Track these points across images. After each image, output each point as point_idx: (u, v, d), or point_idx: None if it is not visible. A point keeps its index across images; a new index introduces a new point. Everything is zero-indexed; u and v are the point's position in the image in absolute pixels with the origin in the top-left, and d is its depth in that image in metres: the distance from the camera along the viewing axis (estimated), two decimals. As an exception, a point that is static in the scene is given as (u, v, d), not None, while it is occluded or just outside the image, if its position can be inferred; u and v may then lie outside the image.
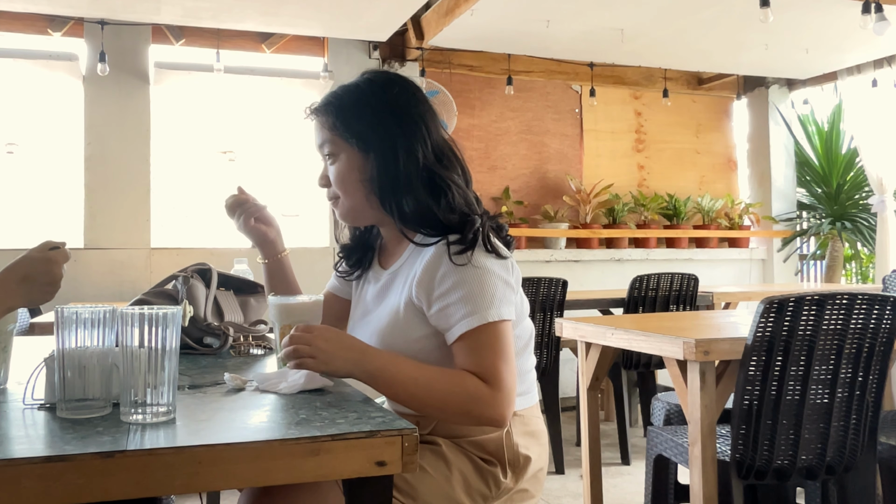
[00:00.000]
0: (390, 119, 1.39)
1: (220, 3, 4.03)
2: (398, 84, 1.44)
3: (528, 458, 1.40)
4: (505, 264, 1.35)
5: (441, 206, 1.36)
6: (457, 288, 1.29)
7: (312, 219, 4.99)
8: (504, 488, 1.38)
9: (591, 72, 5.43)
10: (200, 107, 4.80)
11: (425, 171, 1.38)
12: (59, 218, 4.45)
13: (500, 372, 1.25)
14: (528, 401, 1.44)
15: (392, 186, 1.37)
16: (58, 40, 4.45)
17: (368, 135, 1.39)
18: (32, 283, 1.21)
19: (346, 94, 1.44)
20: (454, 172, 1.41)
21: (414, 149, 1.37)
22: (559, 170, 5.58)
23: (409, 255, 1.42)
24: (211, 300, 1.74)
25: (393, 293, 1.42)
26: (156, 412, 1.01)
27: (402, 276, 1.41)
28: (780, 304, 1.83)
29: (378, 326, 1.42)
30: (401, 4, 4.15)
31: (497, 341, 1.27)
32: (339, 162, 1.43)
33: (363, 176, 1.40)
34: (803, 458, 1.91)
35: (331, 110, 1.43)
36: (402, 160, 1.37)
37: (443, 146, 1.43)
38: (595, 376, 2.51)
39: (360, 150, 1.40)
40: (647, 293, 3.84)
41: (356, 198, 1.43)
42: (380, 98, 1.41)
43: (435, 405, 1.26)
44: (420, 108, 1.42)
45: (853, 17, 3.88)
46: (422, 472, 1.32)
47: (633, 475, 3.55)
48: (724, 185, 6.11)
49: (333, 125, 1.42)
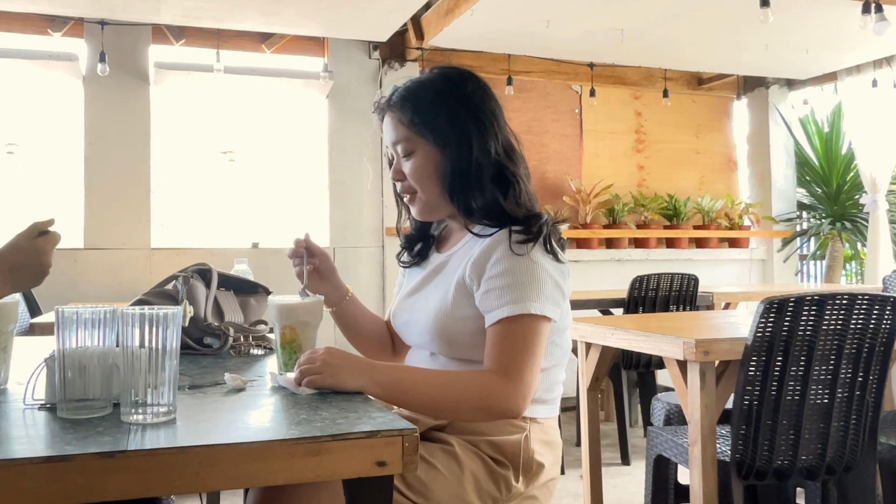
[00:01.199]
0: (465, 115, 1.42)
1: (220, 3, 4.03)
2: (471, 80, 1.47)
3: (542, 465, 1.40)
4: (561, 269, 1.37)
5: (508, 199, 1.40)
6: (507, 274, 1.31)
7: (312, 219, 4.99)
8: (515, 492, 1.38)
9: (591, 72, 5.43)
10: (200, 107, 4.80)
11: (496, 166, 1.41)
12: (60, 218, 4.44)
13: (521, 365, 1.26)
14: (551, 411, 1.45)
15: (464, 180, 1.41)
16: (58, 40, 4.45)
17: (446, 131, 1.41)
18: (21, 272, 1.22)
19: (422, 90, 1.45)
20: (521, 168, 1.45)
21: (487, 144, 1.41)
22: (559, 170, 5.58)
23: (468, 241, 1.45)
24: (211, 300, 1.74)
25: (445, 274, 1.45)
26: (156, 412, 1.01)
27: (457, 259, 1.44)
28: (780, 304, 1.83)
29: (423, 304, 1.45)
30: (401, 4, 4.15)
31: (529, 335, 1.28)
32: (417, 157, 1.44)
33: (439, 171, 1.42)
34: (803, 459, 1.91)
35: (408, 106, 1.44)
36: (476, 155, 1.40)
37: (511, 142, 1.46)
38: (595, 376, 2.51)
39: (437, 146, 1.42)
40: (647, 293, 3.84)
41: (433, 192, 1.45)
42: (455, 94, 1.44)
43: (450, 406, 1.26)
44: (492, 104, 1.45)
45: (853, 17, 3.88)
46: (434, 472, 1.31)
47: (633, 475, 3.55)
48: (724, 185, 6.11)
49: (412, 121, 1.43)
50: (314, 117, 5.02)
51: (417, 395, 1.25)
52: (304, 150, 5.03)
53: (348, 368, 1.22)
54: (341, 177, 4.90)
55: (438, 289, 1.44)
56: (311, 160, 5.02)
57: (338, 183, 4.91)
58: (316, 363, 1.21)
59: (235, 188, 4.87)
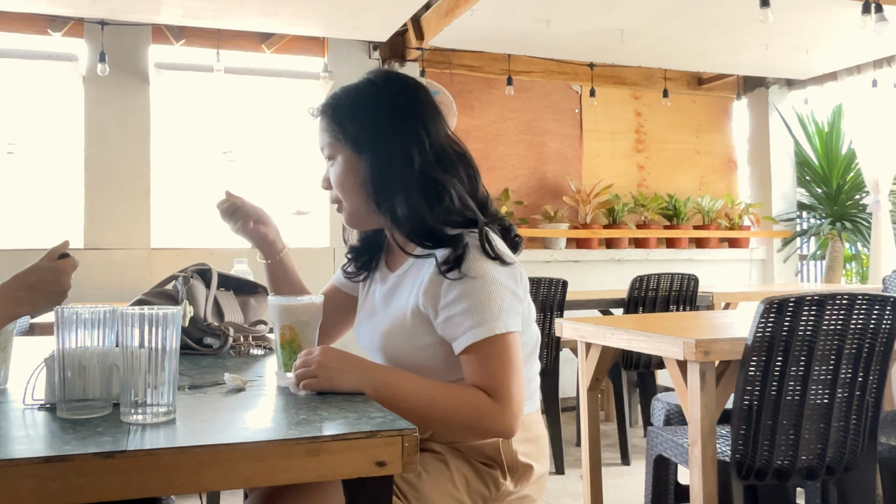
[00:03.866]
0: (384, 120, 1.37)
1: (220, 3, 4.03)
2: (397, 83, 1.42)
3: (529, 466, 1.39)
4: (512, 272, 1.32)
5: (435, 212, 1.33)
6: (462, 299, 1.27)
7: (312, 219, 4.99)
8: (504, 491, 1.37)
9: (591, 72, 5.43)
10: (200, 107, 4.80)
11: (422, 175, 1.34)
12: (59, 218, 4.45)
13: (508, 385, 1.24)
14: (530, 406, 1.43)
15: (385, 189, 1.35)
16: (58, 40, 4.45)
17: (361, 136, 1.37)
18: (41, 292, 1.22)
19: (344, 96, 1.42)
20: (455, 175, 1.38)
21: (408, 150, 1.34)
22: (559, 170, 5.58)
23: (415, 262, 1.40)
24: (211, 300, 1.74)
25: (400, 297, 1.40)
26: (156, 412, 1.01)
27: (409, 281, 1.39)
28: (780, 304, 1.83)
29: (384, 330, 1.41)
30: (401, 4, 4.15)
31: (504, 353, 1.26)
32: (336, 164, 1.42)
33: (360, 179, 1.38)
34: (803, 459, 1.91)
35: (328, 112, 1.42)
36: (395, 162, 1.34)
37: (445, 147, 1.39)
38: (595, 376, 2.51)
39: (354, 153, 1.38)
40: (647, 293, 3.84)
41: (356, 201, 1.41)
42: (375, 99, 1.39)
43: (440, 420, 1.25)
44: (419, 108, 1.39)
45: (853, 17, 3.88)
46: (424, 474, 1.31)
47: (633, 475, 3.55)
48: (724, 185, 6.11)
49: (329, 127, 1.41)
50: (314, 117, 5.01)
51: (410, 406, 1.21)
52: (304, 151, 5.03)
53: (345, 371, 1.21)
54: (341, 177, 4.89)
55: (396, 314, 1.39)
56: (310, 160, 5.02)
57: (338, 183, 4.90)
58: (311, 366, 1.21)
59: (235, 188, 4.86)
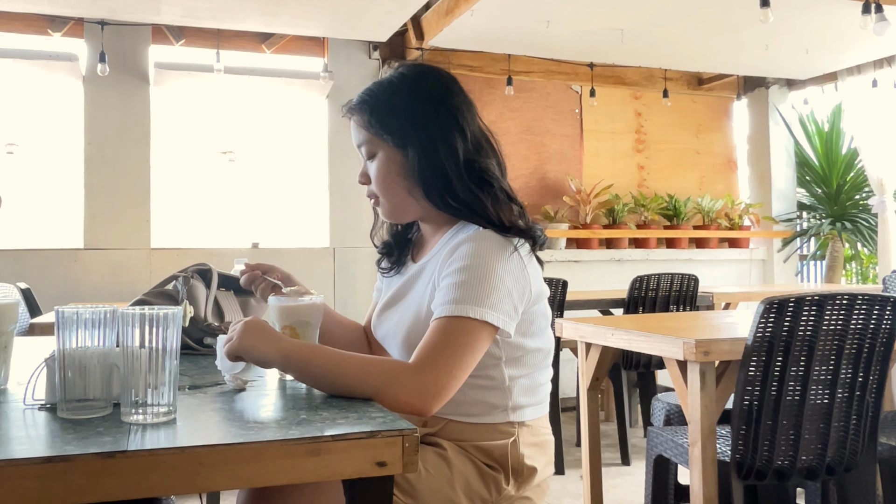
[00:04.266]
0: (424, 112, 1.38)
1: (220, 3, 4.03)
2: (431, 76, 1.43)
3: (534, 469, 1.39)
4: (520, 277, 1.32)
5: (488, 195, 1.36)
6: (460, 272, 1.27)
7: (313, 219, 4.99)
8: (505, 495, 1.37)
9: (591, 72, 5.43)
10: (200, 107, 4.80)
11: (466, 163, 1.37)
12: (59, 218, 4.45)
13: (439, 364, 1.19)
14: (539, 411, 1.43)
15: (436, 180, 1.37)
16: (58, 40, 4.45)
17: (405, 130, 1.38)
18: None
19: (380, 91, 1.43)
20: (493, 163, 1.41)
21: (451, 140, 1.36)
22: (559, 170, 5.58)
23: (440, 248, 1.41)
24: (211, 300, 1.74)
25: (419, 285, 1.41)
26: (156, 412, 1.01)
27: (430, 268, 1.40)
28: (780, 304, 1.83)
29: (402, 317, 1.41)
30: (401, 4, 4.15)
31: (460, 338, 1.22)
32: (378, 160, 1.42)
33: (404, 172, 1.39)
34: (803, 459, 1.91)
35: (365, 108, 1.42)
36: (441, 153, 1.36)
37: (480, 138, 1.42)
38: (595, 376, 2.51)
39: (398, 147, 1.39)
40: (647, 293, 3.84)
41: (398, 195, 1.42)
42: (412, 92, 1.40)
43: (349, 385, 1.17)
44: (455, 99, 1.41)
45: (853, 17, 3.88)
46: (423, 473, 1.31)
47: (633, 475, 3.55)
48: (724, 185, 6.11)
49: (369, 123, 1.41)
50: (314, 117, 5.02)
51: (316, 371, 1.19)
52: (304, 151, 5.03)
53: (261, 337, 1.21)
54: (341, 177, 4.90)
55: (413, 301, 1.40)
56: (311, 160, 5.02)
57: (338, 183, 4.91)
58: (234, 331, 1.23)
59: (235, 188, 4.87)
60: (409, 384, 1.17)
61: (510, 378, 1.37)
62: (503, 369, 1.36)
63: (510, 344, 1.35)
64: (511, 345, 1.35)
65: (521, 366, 1.38)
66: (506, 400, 1.37)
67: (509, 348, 1.36)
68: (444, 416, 1.35)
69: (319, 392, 1.20)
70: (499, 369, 1.36)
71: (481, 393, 1.35)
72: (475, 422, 1.36)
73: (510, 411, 1.37)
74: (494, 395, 1.36)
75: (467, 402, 1.33)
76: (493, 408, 1.36)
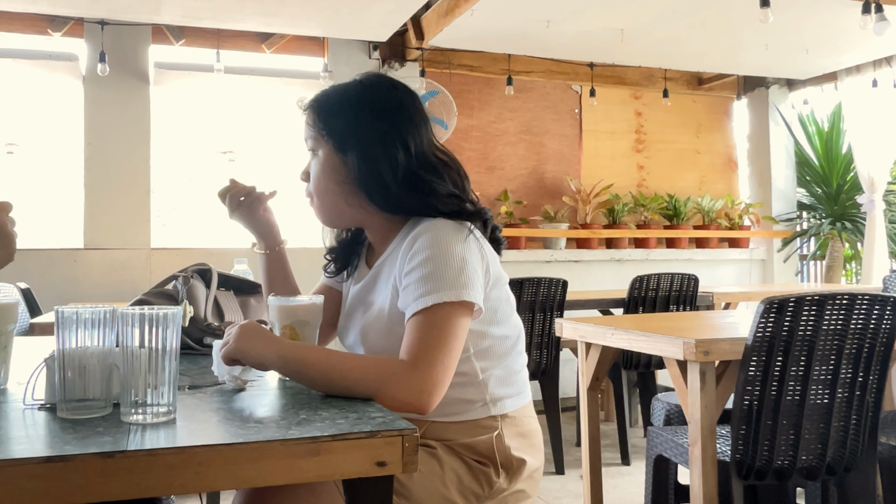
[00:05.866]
0: (367, 121, 1.38)
1: (220, 3, 4.03)
2: (384, 88, 1.43)
3: (523, 460, 1.39)
4: (484, 254, 1.34)
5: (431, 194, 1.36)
6: (424, 264, 1.27)
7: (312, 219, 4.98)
8: (497, 488, 1.37)
9: (591, 72, 5.43)
10: (200, 107, 4.80)
11: (408, 175, 1.36)
12: (59, 218, 4.45)
13: (430, 356, 1.20)
14: (520, 401, 1.42)
15: (377, 187, 1.37)
16: (58, 40, 4.45)
17: (345, 136, 1.39)
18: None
19: (333, 93, 1.45)
20: (439, 179, 1.38)
21: (393, 152, 1.36)
22: (558, 170, 5.58)
23: (395, 246, 1.41)
24: (211, 300, 1.74)
25: (378, 288, 1.41)
26: (156, 412, 1.01)
27: (387, 268, 1.40)
28: (780, 304, 1.83)
29: (364, 323, 1.42)
30: (401, 4, 4.15)
31: (443, 325, 1.23)
32: (317, 159, 1.45)
33: (340, 178, 1.40)
34: (803, 459, 1.91)
35: (314, 107, 1.44)
36: (380, 163, 1.36)
37: (428, 154, 1.40)
38: (595, 376, 2.51)
39: (337, 150, 1.40)
40: (647, 293, 3.84)
41: (329, 198, 1.44)
42: (360, 100, 1.41)
43: (343, 385, 1.17)
44: (404, 114, 1.40)
45: (853, 17, 3.88)
46: (415, 472, 1.31)
47: (633, 475, 3.55)
48: (725, 185, 6.11)
49: (315, 122, 1.43)
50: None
51: (313, 372, 1.18)
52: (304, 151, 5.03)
53: (257, 339, 1.22)
54: (341, 177, 4.89)
55: (374, 306, 1.40)
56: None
57: (338, 183, 4.91)
58: (231, 335, 1.23)
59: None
60: (405, 385, 1.17)
61: (482, 370, 1.37)
62: (474, 363, 1.36)
63: (476, 333, 1.35)
64: (477, 334, 1.35)
65: (491, 357, 1.38)
66: (482, 394, 1.37)
67: (476, 339, 1.35)
68: (426, 418, 1.33)
69: (320, 392, 1.20)
70: (469, 363, 1.36)
71: (457, 390, 1.34)
72: (456, 420, 1.36)
73: (490, 405, 1.37)
74: (470, 391, 1.36)
75: (445, 402, 1.30)
76: (471, 403, 1.36)
